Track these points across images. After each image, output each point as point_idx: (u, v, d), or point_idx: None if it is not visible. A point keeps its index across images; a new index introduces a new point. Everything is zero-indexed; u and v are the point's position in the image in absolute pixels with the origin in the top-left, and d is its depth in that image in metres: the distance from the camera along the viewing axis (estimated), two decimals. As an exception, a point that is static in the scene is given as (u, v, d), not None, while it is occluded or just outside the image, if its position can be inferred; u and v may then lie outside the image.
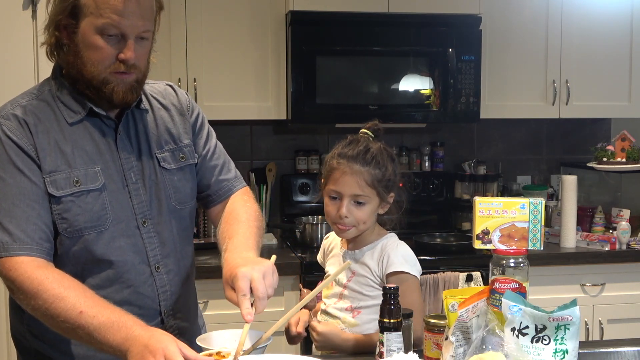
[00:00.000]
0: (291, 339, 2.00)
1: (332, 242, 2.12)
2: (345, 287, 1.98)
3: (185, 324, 1.82)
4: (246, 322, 1.50)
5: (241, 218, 1.80)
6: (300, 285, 2.10)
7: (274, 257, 1.64)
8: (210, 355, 1.54)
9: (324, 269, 2.12)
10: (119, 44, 1.61)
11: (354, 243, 2.01)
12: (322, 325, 1.94)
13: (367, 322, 1.92)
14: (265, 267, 1.55)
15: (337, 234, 2.00)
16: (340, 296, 1.99)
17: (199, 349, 1.64)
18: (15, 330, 1.78)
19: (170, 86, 1.90)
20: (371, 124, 1.99)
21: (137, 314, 1.55)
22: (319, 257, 2.17)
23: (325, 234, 3.51)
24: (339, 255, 2.04)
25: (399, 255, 1.92)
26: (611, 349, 1.82)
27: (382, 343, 1.62)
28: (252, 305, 1.51)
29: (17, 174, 1.59)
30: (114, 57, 1.61)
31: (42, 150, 1.61)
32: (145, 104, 1.78)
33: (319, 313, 2.06)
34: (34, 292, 1.53)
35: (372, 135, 1.98)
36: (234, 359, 1.47)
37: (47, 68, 2.75)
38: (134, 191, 1.70)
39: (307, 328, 1.98)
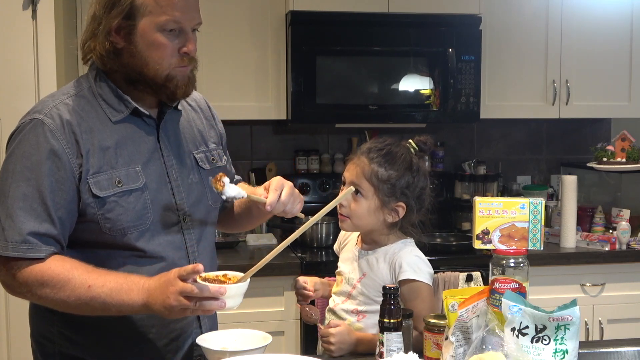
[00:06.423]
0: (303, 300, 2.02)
1: (348, 236, 2.10)
2: (354, 287, 1.98)
3: (213, 320, 1.87)
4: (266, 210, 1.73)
5: None
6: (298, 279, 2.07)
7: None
8: (217, 278, 1.59)
9: (337, 257, 2.12)
10: (178, 38, 1.65)
11: (368, 244, 2.00)
12: (334, 327, 1.85)
13: (372, 327, 1.91)
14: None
15: (339, 224, 2.00)
16: (349, 296, 1.98)
17: (199, 349, 1.66)
18: (39, 334, 1.75)
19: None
20: (423, 137, 1.99)
21: None
22: (335, 247, 2.17)
23: (326, 234, 3.50)
24: (351, 251, 2.04)
25: (411, 263, 1.92)
26: (611, 349, 1.82)
27: (382, 343, 1.62)
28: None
29: (40, 176, 1.57)
30: (176, 52, 1.65)
31: (86, 153, 1.61)
32: (179, 105, 1.81)
33: (326, 311, 2.05)
34: (40, 283, 1.56)
35: (415, 148, 1.97)
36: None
37: (47, 68, 2.79)
38: (175, 188, 1.73)
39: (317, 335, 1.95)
